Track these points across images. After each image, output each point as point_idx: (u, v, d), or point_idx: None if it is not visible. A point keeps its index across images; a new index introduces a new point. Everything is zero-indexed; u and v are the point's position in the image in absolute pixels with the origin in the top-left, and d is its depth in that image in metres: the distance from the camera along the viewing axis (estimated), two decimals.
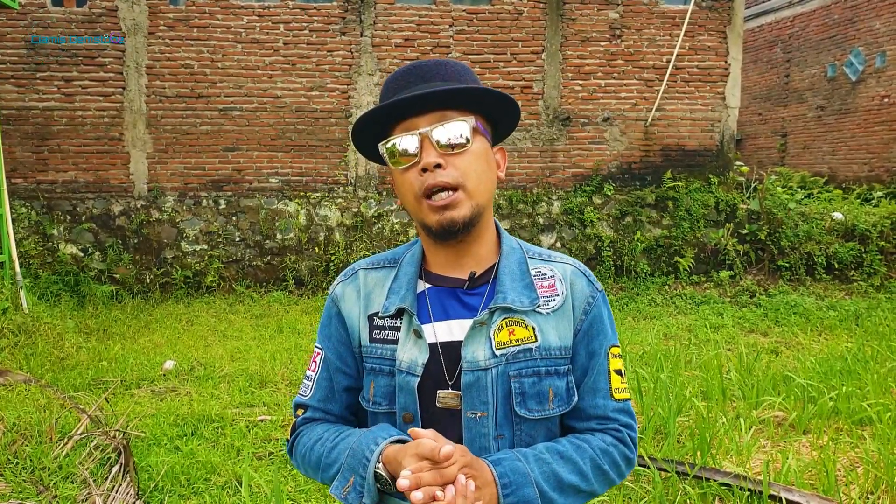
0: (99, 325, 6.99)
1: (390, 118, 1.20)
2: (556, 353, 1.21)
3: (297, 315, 7.51)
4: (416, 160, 1.17)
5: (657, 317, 7.54)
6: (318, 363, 1.32)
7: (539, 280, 1.25)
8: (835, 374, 5.06)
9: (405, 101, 1.16)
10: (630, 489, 3.37)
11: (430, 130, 1.16)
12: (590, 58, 9.05)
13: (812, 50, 14.08)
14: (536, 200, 8.93)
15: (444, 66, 1.23)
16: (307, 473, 1.27)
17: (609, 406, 1.24)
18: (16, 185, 8.27)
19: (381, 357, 1.23)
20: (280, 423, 4.41)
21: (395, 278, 1.27)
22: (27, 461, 3.62)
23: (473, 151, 1.19)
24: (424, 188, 1.16)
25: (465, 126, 1.17)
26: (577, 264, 1.30)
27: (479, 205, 1.19)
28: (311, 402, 1.31)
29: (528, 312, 1.21)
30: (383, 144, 1.21)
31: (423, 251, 1.30)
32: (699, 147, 9.24)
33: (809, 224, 8.85)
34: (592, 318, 1.25)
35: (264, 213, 8.66)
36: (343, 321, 1.30)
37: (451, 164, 1.16)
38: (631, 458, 1.24)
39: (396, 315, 1.23)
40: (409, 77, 1.21)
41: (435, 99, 1.17)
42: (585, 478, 1.17)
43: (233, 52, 8.58)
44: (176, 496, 3.41)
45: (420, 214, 1.19)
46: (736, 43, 9.19)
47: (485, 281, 1.25)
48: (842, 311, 7.49)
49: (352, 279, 1.32)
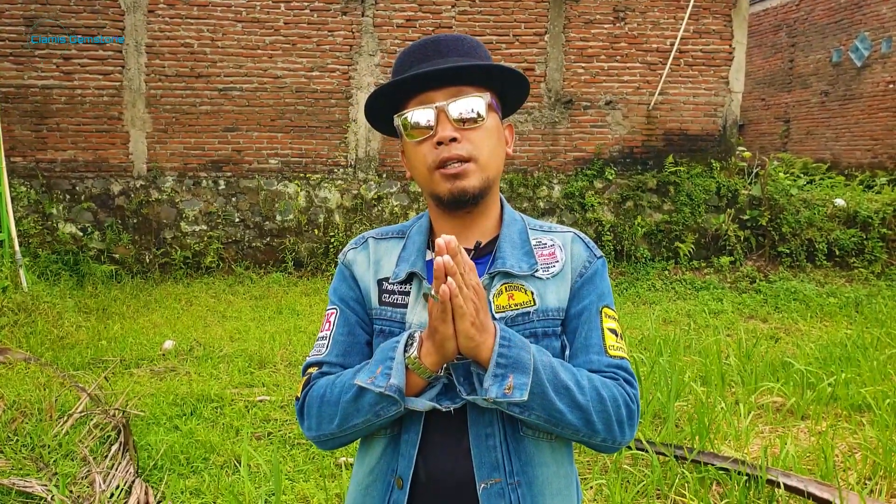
0: (98, 305, 6.98)
1: (406, 91, 1.22)
2: (553, 315, 1.23)
3: (297, 296, 7.51)
4: (431, 133, 1.19)
5: (657, 302, 7.54)
6: (333, 322, 1.30)
7: (539, 249, 1.27)
8: (834, 361, 5.06)
9: (424, 75, 1.18)
10: (629, 473, 3.38)
11: (447, 105, 1.18)
12: (593, 40, 8.97)
13: (817, 34, 13.97)
14: (537, 184, 8.90)
15: (459, 41, 1.25)
16: (324, 417, 1.20)
17: (603, 361, 1.22)
18: (15, 164, 8.23)
19: (392, 319, 1.25)
20: (279, 404, 4.42)
21: (405, 247, 1.30)
22: (27, 439, 3.63)
23: (487, 127, 1.21)
24: (439, 160, 1.18)
25: (481, 102, 1.20)
26: (578, 233, 1.32)
27: (490, 178, 1.22)
28: (328, 359, 1.27)
29: (527, 277, 1.23)
30: (399, 117, 1.23)
31: (430, 223, 1.33)
32: (702, 132, 9.19)
33: (811, 210, 8.82)
34: (586, 279, 1.26)
35: (264, 195, 8.62)
36: (357, 283, 1.32)
37: (465, 138, 1.19)
38: (633, 409, 1.19)
39: (406, 280, 1.25)
40: (426, 51, 1.22)
41: (452, 74, 1.19)
42: (581, 389, 1.14)
43: (233, 31, 8.51)
44: (175, 475, 3.42)
45: (432, 185, 1.21)
46: (741, 26, 9.10)
47: (489, 251, 1.27)
48: (842, 298, 7.49)
49: (362, 246, 1.35)
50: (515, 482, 1.17)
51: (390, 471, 1.21)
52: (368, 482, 1.24)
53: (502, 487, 1.16)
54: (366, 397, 1.13)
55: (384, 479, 1.22)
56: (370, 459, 1.25)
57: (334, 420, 1.19)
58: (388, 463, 1.22)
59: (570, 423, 1.13)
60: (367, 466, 1.25)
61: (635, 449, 3.49)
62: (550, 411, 1.12)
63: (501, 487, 1.16)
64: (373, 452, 1.25)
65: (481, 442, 1.17)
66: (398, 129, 1.25)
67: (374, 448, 1.24)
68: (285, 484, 3.31)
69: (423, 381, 1.15)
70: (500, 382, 1.09)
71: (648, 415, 4.02)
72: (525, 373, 1.09)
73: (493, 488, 1.16)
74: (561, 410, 1.12)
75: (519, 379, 1.09)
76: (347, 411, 1.16)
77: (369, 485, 1.24)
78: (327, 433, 1.21)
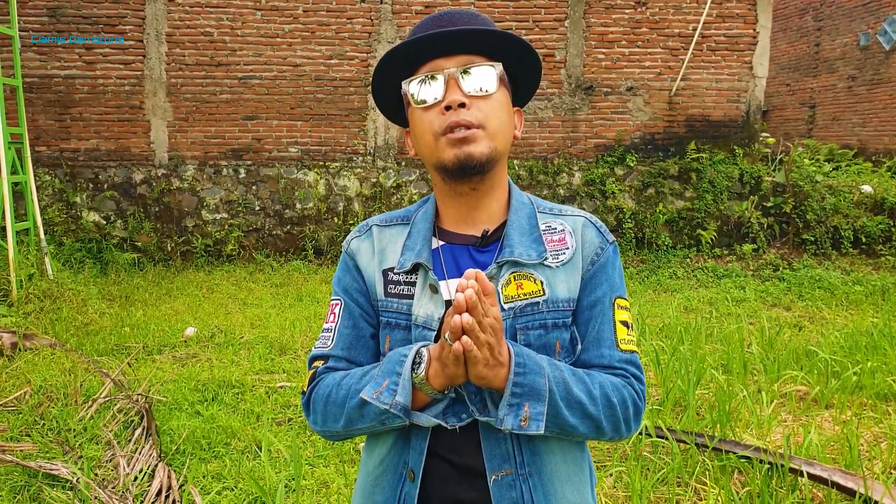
0: (121, 292, 7.07)
1: (416, 58, 1.20)
2: (563, 306, 1.20)
3: (317, 284, 7.55)
4: (440, 100, 1.16)
5: (678, 290, 7.47)
6: (337, 314, 1.28)
7: (549, 234, 1.23)
8: (860, 349, 4.98)
9: (433, 36, 1.16)
10: (649, 460, 3.36)
11: (457, 72, 1.16)
12: (614, 25, 8.86)
13: (844, 18, 13.67)
14: (557, 171, 8.83)
15: (474, 16, 1.23)
16: (329, 417, 1.20)
17: (615, 356, 1.20)
18: (39, 153, 8.34)
19: (398, 311, 1.22)
20: (299, 390, 4.44)
21: (409, 235, 1.27)
22: (53, 423, 3.69)
23: (497, 98, 1.19)
24: (447, 125, 1.15)
25: (492, 72, 1.18)
26: (589, 216, 1.28)
27: (497, 149, 1.18)
28: (333, 352, 1.25)
29: (536, 266, 1.20)
30: (407, 82, 1.20)
31: (435, 208, 1.30)
32: (724, 118, 9.05)
33: (837, 197, 8.66)
34: (598, 268, 1.23)
35: (284, 183, 8.66)
36: (361, 273, 1.29)
37: (474, 106, 1.16)
38: (640, 407, 1.19)
39: (412, 270, 1.23)
40: (440, 21, 1.20)
41: (463, 40, 1.17)
42: (593, 400, 1.13)
43: (252, 19, 8.52)
44: (197, 459, 3.46)
45: (437, 152, 1.17)
46: (765, 10, 8.93)
47: (497, 238, 1.24)
48: (868, 286, 7.36)
49: (366, 235, 1.32)
50: (527, 473, 1.16)
51: (402, 462, 1.20)
52: (378, 473, 1.24)
53: (513, 479, 1.15)
54: (370, 407, 1.13)
55: (395, 471, 1.21)
56: (380, 450, 1.24)
57: (339, 420, 1.18)
58: (398, 454, 1.21)
59: (581, 433, 1.15)
60: (377, 457, 1.25)
61: (655, 437, 3.46)
62: (564, 427, 1.13)
63: (513, 479, 1.15)
64: (383, 443, 1.24)
65: (491, 435, 1.16)
66: (406, 94, 1.21)
67: (385, 439, 1.23)
68: (305, 469, 3.34)
69: (429, 398, 1.14)
70: (515, 413, 1.08)
71: (669, 402, 3.98)
72: (541, 400, 1.09)
73: (504, 480, 1.15)
74: (573, 425, 1.13)
75: (535, 408, 1.08)
76: (352, 416, 1.16)
77: (379, 475, 1.23)
78: (332, 430, 1.21)
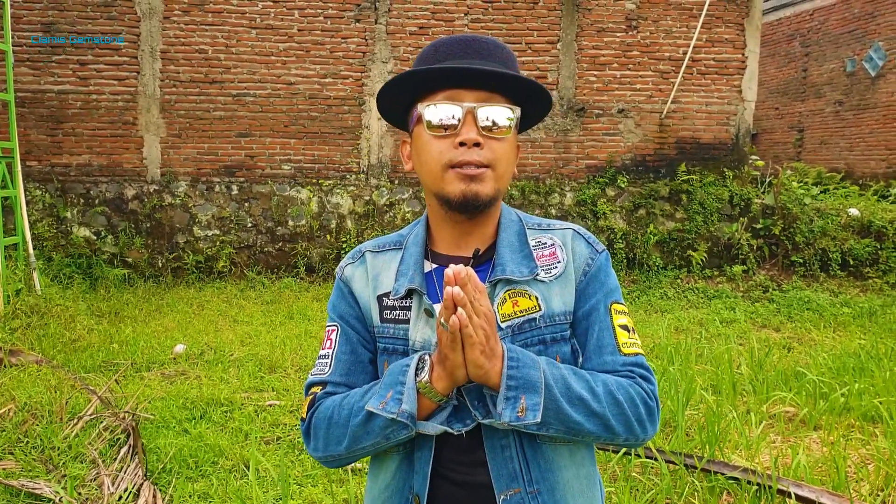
0: (111, 308, 7.03)
1: (437, 82, 1.18)
2: (560, 319, 1.20)
3: (308, 302, 7.53)
4: (454, 131, 1.15)
5: (669, 310, 7.50)
6: (334, 339, 1.27)
7: (539, 250, 1.24)
8: (847, 371, 5.01)
9: (467, 71, 1.15)
10: (637, 481, 3.35)
11: (478, 108, 1.15)
12: (605, 48, 8.97)
13: (831, 44, 13.89)
14: (549, 191, 8.89)
15: (499, 47, 1.22)
16: (331, 439, 1.18)
17: (619, 361, 1.19)
18: (30, 168, 8.32)
19: (395, 337, 1.22)
20: (288, 409, 4.42)
21: (402, 260, 1.26)
22: (37, 440, 3.65)
23: (510, 140, 1.20)
24: (457, 161, 1.15)
25: (512, 115, 1.18)
26: (577, 228, 1.28)
27: (501, 190, 1.20)
28: (331, 378, 1.24)
29: (529, 282, 1.20)
30: (424, 105, 1.18)
31: (427, 231, 1.29)
32: (714, 140, 9.15)
33: (825, 220, 8.75)
34: (591, 278, 1.23)
35: (276, 200, 8.67)
36: (356, 299, 1.29)
37: (487, 146, 1.16)
38: (651, 407, 1.18)
39: (406, 296, 1.22)
40: (467, 49, 1.19)
41: (490, 79, 1.16)
42: (596, 397, 1.12)
43: (247, 37, 8.57)
44: (183, 478, 3.43)
45: (441, 183, 1.17)
46: (754, 36, 9.07)
47: (489, 257, 1.24)
48: (856, 308, 7.42)
49: (360, 261, 1.32)
50: (535, 490, 1.15)
51: (406, 487, 1.19)
52: (384, 499, 1.23)
53: (522, 497, 1.15)
54: (376, 421, 1.12)
55: (401, 495, 1.20)
56: (385, 476, 1.23)
57: (342, 442, 1.17)
58: (403, 479, 1.20)
59: (590, 432, 1.13)
60: (381, 483, 1.24)
61: (644, 457, 3.46)
62: (568, 424, 1.11)
63: (521, 497, 1.15)
64: (387, 469, 1.23)
65: (497, 454, 1.15)
66: (420, 116, 1.19)
67: (388, 464, 1.22)
68: (293, 489, 3.31)
69: (433, 405, 1.13)
70: (512, 405, 1.07)
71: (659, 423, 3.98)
72: (536, 392, 1.08)
73: (512, 499, 1.14)
74: (578, 422, 1.11)
75: (531, 399, 1.07)
76: (357, 434, 1.15)
77: (384, 501, 1.23)
78: (335, 454, 1.19)
